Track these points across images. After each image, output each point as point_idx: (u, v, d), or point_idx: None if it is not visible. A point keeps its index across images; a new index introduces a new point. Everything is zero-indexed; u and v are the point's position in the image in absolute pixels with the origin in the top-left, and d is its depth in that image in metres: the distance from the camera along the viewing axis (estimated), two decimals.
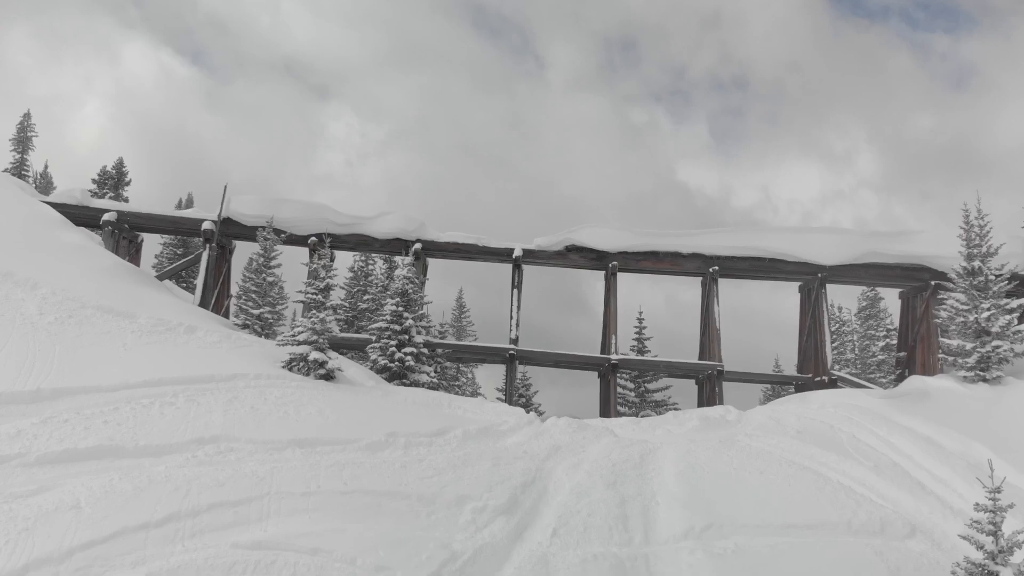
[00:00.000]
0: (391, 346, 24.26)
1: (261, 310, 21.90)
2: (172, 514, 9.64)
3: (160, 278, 27.82)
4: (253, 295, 22.40)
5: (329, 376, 16.98)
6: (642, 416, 30.16)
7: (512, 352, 27.40)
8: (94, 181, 46.46)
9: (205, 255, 27.86)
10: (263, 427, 13.09)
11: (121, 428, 12.02)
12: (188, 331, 18.61)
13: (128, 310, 18.76)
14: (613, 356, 27.98)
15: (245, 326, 21.79)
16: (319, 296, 17.97)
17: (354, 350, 30.47)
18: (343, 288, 40.86)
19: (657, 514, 12.03)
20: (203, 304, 27.30)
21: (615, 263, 28.94)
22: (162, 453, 11.62)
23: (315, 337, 17.07)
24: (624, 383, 31.31)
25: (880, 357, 43.35)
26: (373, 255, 37.61)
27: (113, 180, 47.05)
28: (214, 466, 11.32)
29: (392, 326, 24.60)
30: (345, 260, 37.28)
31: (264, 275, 22.67)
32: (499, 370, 29.68)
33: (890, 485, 13.21)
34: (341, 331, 40.00)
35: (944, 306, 22.98)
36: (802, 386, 30.19)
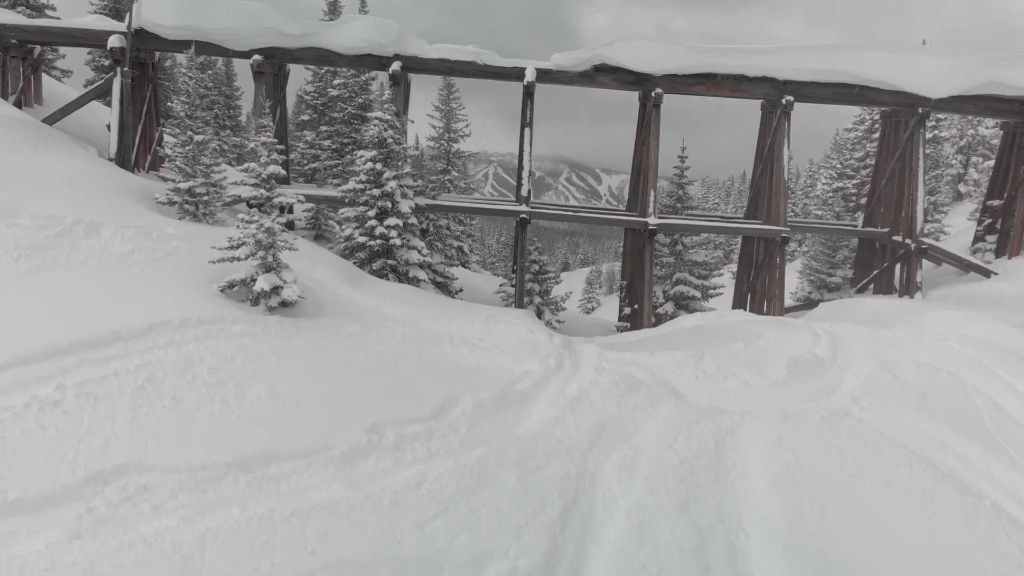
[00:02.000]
0: (370, 217, 20.54)
1: (192, 182, 17.69)
2: None
3: (50, 122, 22.85)
4: (178, 163, 18.01)
5: (286, 304, 13.58)
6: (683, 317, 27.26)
7: (524, 215, 23.37)
8: None
9: (117, 83, 22.79)
10: (191, 437, 9.99)
11: None
12: (89, 231, 14.83)
13: (6, 204, 14.83)
14: (652, 219, 24.01)
15: (172, 203, 17.79)
16: (262, 189, 13.90)
17: (324, 201, 26.76)
18: (309, 69, 35.87)
19: (750, 562, 9.48)
20: (121, 152, 22.85)
21: (659, 90, 24.00)
22: (41, 509, 8.60)
23: (261, 252, 13.37)
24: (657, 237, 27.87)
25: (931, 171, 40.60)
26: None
27: None
28: (118, 531, 8.38)
29: (370, 189, 20.66)
30: None
31: (190, 133, 18.07)
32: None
33: None
34: (309, 123, 35.72)
35: None
36: (875, 244, 26.98)
